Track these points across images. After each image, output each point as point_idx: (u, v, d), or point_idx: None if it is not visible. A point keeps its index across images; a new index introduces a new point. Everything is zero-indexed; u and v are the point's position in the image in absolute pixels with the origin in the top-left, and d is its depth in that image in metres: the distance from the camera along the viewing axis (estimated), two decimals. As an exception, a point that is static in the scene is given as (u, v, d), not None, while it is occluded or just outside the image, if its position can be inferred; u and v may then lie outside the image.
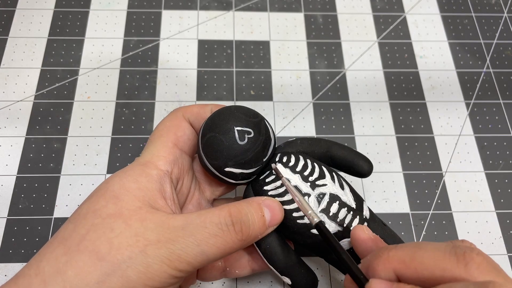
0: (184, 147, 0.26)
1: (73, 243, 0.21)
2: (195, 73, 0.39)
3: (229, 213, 0.23)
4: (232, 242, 0.22)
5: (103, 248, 0.20)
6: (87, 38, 0.40)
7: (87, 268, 0.20)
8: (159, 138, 0.26)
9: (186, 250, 0.21)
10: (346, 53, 0.41)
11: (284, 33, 0.41)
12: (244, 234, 0.23)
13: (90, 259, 0.20)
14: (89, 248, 0.20)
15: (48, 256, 0.21)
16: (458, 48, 0.41)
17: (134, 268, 0.20)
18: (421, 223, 0.33)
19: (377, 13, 0.43)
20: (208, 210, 0.23)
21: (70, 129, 0.36)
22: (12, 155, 0.34)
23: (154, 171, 0.24)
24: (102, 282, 0.20)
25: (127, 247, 0.20)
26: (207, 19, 0.42)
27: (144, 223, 0.21)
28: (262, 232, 0.24)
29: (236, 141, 0.25)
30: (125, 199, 0.22)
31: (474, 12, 0.44)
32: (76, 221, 0.22)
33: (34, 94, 0.37)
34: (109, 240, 0.20)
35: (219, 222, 0.22)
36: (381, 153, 0.36)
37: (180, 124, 0.27)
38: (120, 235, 0.21)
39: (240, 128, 0.25)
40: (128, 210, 0.22)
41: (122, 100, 0.37)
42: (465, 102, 0.39)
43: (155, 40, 0.40)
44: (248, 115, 0.26)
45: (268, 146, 0.26)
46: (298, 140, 0.28)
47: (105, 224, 0.21)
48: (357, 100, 0.38)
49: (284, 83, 0.39)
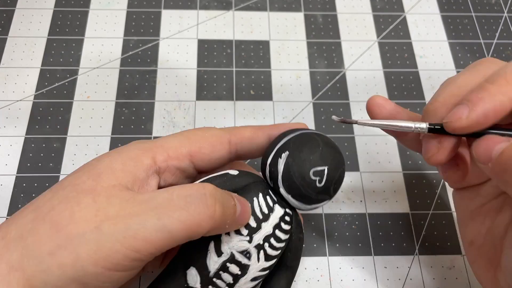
0: (196, 165, 0.25)
1: (43, 211, 0.20)
2: (194, 72, 0.39)
3: (202, 187, 0.21)
4: (200, 217, 0.20)
5: (64, 220, 0.20)
6: (86, 37, 0.40)
7: (44, 238, 0.19)
8: (185, 138, 0.24)
9: (144, 225, 0.19)
10: (346, 53, 0.41)
11: (284, 33, 0.41)
12: (217, 211, 0.20)
13: (50, 229, 0.20)
14: (53, 218, 0.20)
15: (17, 221, 0.21)
16: (458, 48, 0.41)
17: (85, 245, 0.19)
18: (421, 223, 0.33)
19: (377, 13, 0.43)
20: (179, 185, 0.21)
21: (70, 129, 0.36)
22: (12, 154, 0.34)
23: (147, 161, 0.23)
24: (53, 254, 0.19)
25: (84, 222, 0.19)
26: (207, 18, 0.42)
27: (110, 199, 0.20)
28: (231, 223, 0.22)
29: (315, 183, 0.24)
30: (104, 177, 0.21)
31: (474, 12, 0.44)
32: (55, 191, 0.21)
33: (33, 93, 0.37)
34: (72, 213, 0.20)
35: (188, 195, 0.20)
36: (381, 153, 0.36)
37: (215, 146, 0.25)
38: (84, 209, 0.20)
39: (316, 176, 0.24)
40: (102, 187, 0.21)
41: (121, 100, 0.37)
42: (465, 102, 0.39)
43: (154, 40, 0.40)
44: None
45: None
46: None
47: (76, 198, 0.20)
48: (357, 100, 0.38)
49: (284, 83, 0.39)
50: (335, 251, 0.32)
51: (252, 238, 0.23)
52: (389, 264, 0.32)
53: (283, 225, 0.24)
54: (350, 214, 0.33)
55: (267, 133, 0.26)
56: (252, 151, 0.26)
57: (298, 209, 0.26)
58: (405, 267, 0.31)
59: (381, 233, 0.33)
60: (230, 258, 0.23)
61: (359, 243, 0.32)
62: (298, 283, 0.31)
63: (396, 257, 0.32)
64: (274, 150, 0.25)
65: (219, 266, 0.23)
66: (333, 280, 0.31)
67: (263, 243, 0.23)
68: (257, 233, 0.23)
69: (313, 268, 0.31)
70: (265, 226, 0.24)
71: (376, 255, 0.32)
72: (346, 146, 0.36)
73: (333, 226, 0.33)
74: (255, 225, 0.23)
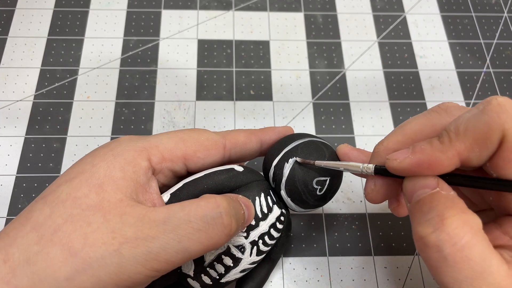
0: (189, 168, 0.25)
1: (47, 232, 0.19)
2: (194, 73, 0.39)
3: (217, 205, 0.21)
4: (218, 237, 0.20)
5: (77, 243, 0.19)
6: (86, 37, 0.40)
7: (58, 263, 0.19)
8: (180, 140, 0.24)
9: (165, 248, 0.19)
10: (346, 53, 0.41)
11: (284, 33, 0.41)
12: (233, 228, 0.21)
13: (62, 253, 0.19)
14: (63, 241, 0.19)
15: (19, 242, 0.19)
16: (458, 48, 0.41)
17: (106, 268, 0.19)
18: (421, 223, 0.33)
19: (377, 13, 0.43)
20: (192, 201, 0.21)
21: (70, 129, 0.36)
22: (12, 154, 0.34)
23: (144, 163, 0.22)
24: (71, 279, 0.18)
25: (101, 245, 0.19)
26: (207, 18, 0.42)
27: (123, 217, 0.20)
28: (239, 231, 0.22)
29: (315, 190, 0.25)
30: (107, 189, 0.21)
31: (474, 12, 0.44)
32: (53, 206, 0.20)
33: (33, 93, 0.37)
34: (85, 235, 0.19)
35: (205, 215, 0.20)
36: (381, 153, 0.36)
37: (210, 150, 0.25)
38: (97, 230, 0.19)
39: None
40: (109, 203, 0.20)
41: (121, 100, 0.37)
42: (465, 102, 0.39)
43: (154, 40, 0.40)
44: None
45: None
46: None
47: (83, 216, 0.20)
48: (357, 100, 0.38)
49: (284, 83, 0.39)
50: (335, 251, 0.32)
51: (249, 234, 0.24)
52: (389, 264, 0.32)
53: (277, 224, 0.25)
54: (350, 214, 0.33)
55: (259, 138, 0.27)
56: (244, 156, 0.27)
57: (292, 210, 0.27)
58: (405, 267, 0.31)
59: (381, 233, 0.33)
60: (226, 251, 0.24)
61: (359, 243, 0.32)
62: (298, 283, 0.31)
63: (396, 257, 0.32)
64: (281, 153, 0.26)
65: (214, 258, 0.24)
66: (333, 280, 0.31)
67: (258, 239, 0.24)
68: (254, 230, 0.24)
69: (313, 268, 0.31)
70: (263, 225, 0.25)
71: (376, 255, 0.32)
72: (346, 146, 0.36)
73: (333, 226, 0.33)
74: (254, 223, 0.24)
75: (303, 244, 0.32)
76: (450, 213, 0.18)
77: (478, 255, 0.18)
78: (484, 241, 0.18)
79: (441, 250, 0.18)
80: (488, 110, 0.19)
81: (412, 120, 0.23)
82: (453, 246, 0.18)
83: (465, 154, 0.19)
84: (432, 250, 0.18)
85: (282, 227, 0.26)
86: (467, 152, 0.19)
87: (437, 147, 0.20)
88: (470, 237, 0.18)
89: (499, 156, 0.19)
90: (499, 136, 0.19)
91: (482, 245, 0.18)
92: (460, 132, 0.19)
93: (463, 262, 0.18)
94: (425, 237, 0.19)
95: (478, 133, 0.19)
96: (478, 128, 0.19)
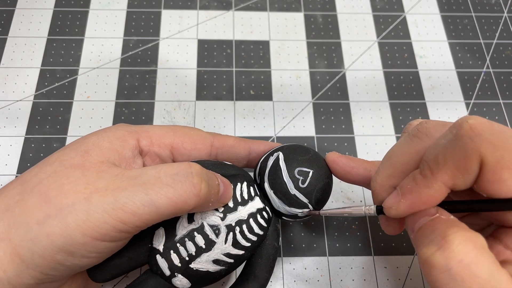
0: (175, 158, 0.26)
1: (30, 185, 0.21)
2: (194, 72, 0.39)
3: (189, 165, 0.22)
4: (186, 194, 0.21)
5: (53, 192, 0.20)
6: (86, 37, 0.40)
7: (32, 208, 0.20)
8: (170, 130, 0.25)
9: (132, 198, 0.20)
10: (346, 53, 0.41)
11: (284, 33, 0.41)
12: (203, 190, 0.21)
13: (38, 200, 0.20)
14: (42, 191, 0.20)
15: (5, 194, 0.21)
16: (458, 48, 0.41)
17: (74, 214, 0.20)
18: (421, 223, 0.33)
19: (377, 13, 0.43)
20: (166, 164, 0.22)
21: (70, 129, 0.36)
22: (12, 154, 0.34)
23: (133, 142, 0.24)
24: (41, 223, 0.19)
25: (74, 193, 0.20)
26: (206, 18, 0.42)
27: (100, 174, 0.21)
28: (214, 202, 0.23)
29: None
30: (92, 154, 0.22)
31: (474, 12, 0.44)
32: (42, 166, 0.22)
33: (33, 93, 0.37)
34: (61, 186, 0.20)
35: (175, 173, 0.21)
36: (381, 153, 0.36)
37: (197, 144, 0.26)
38: (73, 182, 0.21)
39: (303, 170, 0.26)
40: (90, 163, 0.22)
41: (121, 100, 0.37)
42: (465, 102, 0.39)
43: (154, 40, 0.40)
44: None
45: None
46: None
47: (65, 172, 0.21)
48: (357, 100, 0.38)
49: (284, 83, 0.39)
50: (335, 251, 0.32)
51: (226, 216, 0.24)
52: (389, 264, 0.32)
53: (259, 217, 0.25)
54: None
55: (249, 145, 0.27)
56: (231, 159, 0.27)
57: (278, 210, 0.26)
58: (405, 267, 0.31)
59: (381, 233, 0.33)
60: (199, 228, 0.23)
61: (359, 243, 0.32)
62: (298, 283, 0.31)
63: (396, 257, 0.32)
64: (268, 152, 0.27)
65: (186, 233, 0.23)
66: (333, 280, 0.31)
67: (235, 225, 0.24)
68: (231, 214, 0.24)
69: (313, 268, 0.31)
70: (241, 210, 0.24)
71: (376, 255, 0.32)
72: (346, 146, 0.36)
73: (333, 226, 0.33)
74: (232, 206, 0.24)
75: (303, 244, 0.32)
76: (452, 230, 0.18)
77: (486, 272, 0.17)
78: (490, 258, 0.18)
79: (448, 269, 0.18)
80: (462, 135, 0.19)
81: (397, 151, 0.23)
82: (460, 263, 0.18)
83: (450, 182, 0.19)
84: (438, 270, 0.18)
85: (265, 226, 0.25)
86: (451, 180, 0.19)
87: (422, 183, 0.20)
88: (476, 253, 0.18)
89: (483, 179, 0.19)
90: (477, 161, 0.18)
91: (488, 262, 0.18)
92: (440, 163, 0.19)
93: (472, 281, 0.17)
94: (430, 256, 0.18)
95: (457, 161, 0.19)
96: (456, 156, 0.19)
